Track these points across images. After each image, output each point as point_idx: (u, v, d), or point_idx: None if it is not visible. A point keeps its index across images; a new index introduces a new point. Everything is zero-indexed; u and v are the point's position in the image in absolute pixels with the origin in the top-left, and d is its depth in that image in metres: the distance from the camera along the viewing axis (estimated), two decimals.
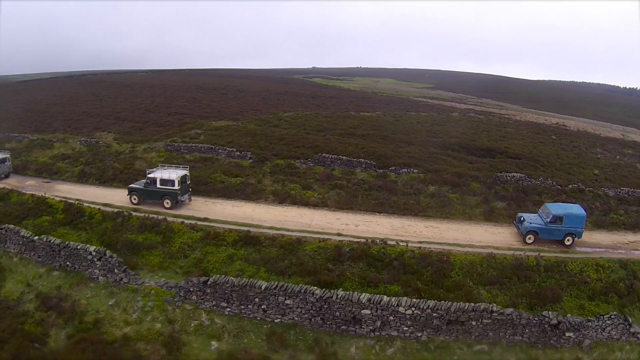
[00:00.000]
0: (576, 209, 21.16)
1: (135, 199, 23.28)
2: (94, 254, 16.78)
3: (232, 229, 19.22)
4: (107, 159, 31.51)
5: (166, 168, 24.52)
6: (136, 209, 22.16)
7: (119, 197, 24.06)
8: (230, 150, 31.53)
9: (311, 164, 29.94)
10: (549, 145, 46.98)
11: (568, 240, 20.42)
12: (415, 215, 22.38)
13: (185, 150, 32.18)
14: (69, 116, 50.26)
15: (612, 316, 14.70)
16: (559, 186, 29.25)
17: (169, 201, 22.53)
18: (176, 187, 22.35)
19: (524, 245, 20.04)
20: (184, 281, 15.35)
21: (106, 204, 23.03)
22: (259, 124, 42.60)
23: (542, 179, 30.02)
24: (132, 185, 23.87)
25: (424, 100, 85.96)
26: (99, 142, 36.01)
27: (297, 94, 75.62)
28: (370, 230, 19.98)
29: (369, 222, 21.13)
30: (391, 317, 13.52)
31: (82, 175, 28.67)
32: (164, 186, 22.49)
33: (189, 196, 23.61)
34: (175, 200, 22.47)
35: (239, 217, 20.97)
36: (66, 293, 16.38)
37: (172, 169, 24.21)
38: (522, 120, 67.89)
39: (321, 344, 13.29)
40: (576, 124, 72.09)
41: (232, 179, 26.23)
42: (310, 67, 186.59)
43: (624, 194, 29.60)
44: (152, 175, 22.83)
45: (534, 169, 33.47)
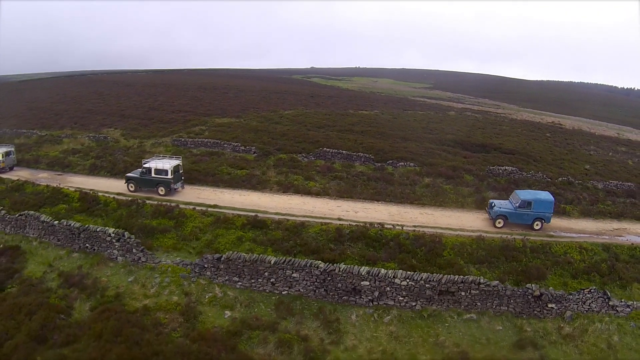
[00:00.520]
0: (544, 195, 22.16)
1: (132, 186, 24.86)
2: (112, 235, 18.11)
3: (241, 214, 20.60)
4: (117, 153, 32.79)
5: (160, 158, 26.22)
6: (149, 197, 23.48)
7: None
8: (235, 145, 32.89)
9: (312, 158, 31.35)
10: (543, 142, 48.40)
11: (537, 224, 21.39)
12: (411, 203, 23.80)
13: (192, 145, 33.52)
14: (74, 114, 51.51)
15: (591, 290, 16.09)
16: (548, 179, 30.69)
17: (163, 189, 24.14)
18: (169, 176, 23.98)
19: (495, 228, 21.10)
20: (198, 259, 16.71)
21: (119, 193, 24.37)
22: (261, 121, 43.99)
23: (533, 172, 31.49)
24: (129, 174, 25.53)
25: (422, 99, 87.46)
26: (107, 138, 37.31)
27: (296, 93, 77.04)
28: (369, 216, 21.36)
29: (367, 209, 22.52)
30: (388, 288, 14.90)
31: (93, 168, 29.95)
32: (158, 175, 24.14)
33: (182, 184, 25.22)
34: (168, 188, 24.09)
35: (246, 204, 22.34)
36: (87, 272, 17.69)
37: (165, 159, 25.92)
38: (518, 119, 69.32)
39: (325, 312, 14.67)
40: (572, 122, 73.45)
41: (238, 171, 27.60)
42: (309, 67, 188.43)
43: (612, 186, 30.95)
44: (148, 165, 24.51)
45: (526, 163, 34.91)
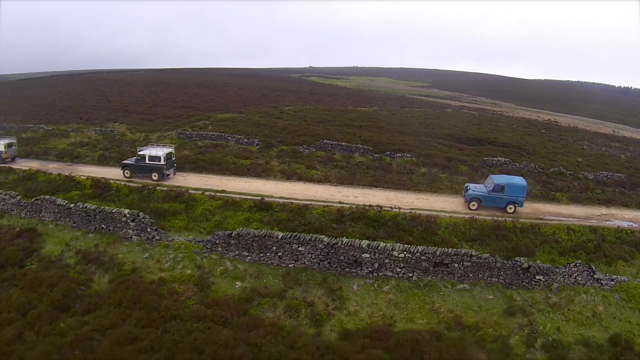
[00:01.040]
0: (518, 179, 23.09)
1: (127, 173, 26.06)
2: (128, 215, 19.19)
3: (247, 198, 21.73)
4: (124, 145, 33.84)
5: (154, 146, 27.51)
6: (159, 184, 24.57)
7: (137, 177, 26.45)
8: (238, 137, 34.00)
9: (313, 150, 32.50)
10: (537, 137, 49.67)
11: (510, 208, 22.24)
12: (407, 189, 24.99)
13: (197, 138, 34.60)
14: (78, 110, 52.51)
15: (577, 264, 17.25)
16: (540, 169, 31.94)
17: (156, 174, 25.35)
18: (162, 162, 25.25)
19: (469, 210, 22.08)
20: (210, 235, 17.82)
21: (130, 180, 25.46)
22: (262, 116, 45.12)
23: (526, 163, 32.74)
24: (124, 161, 26.75)
25: (419, 97, 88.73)
26: (113, 131, 38.36)
27: (295, 91, 78.19)
28: (368, 201, 22.47)
29: (366, 195, 23.68)
30: (387, 260, 16.05)
31: (102, 158, 31.00)
32: (152, 162, 25.38)
33: (174, 171, 26.52)
34: (161, 174, 25.32)
35: (252, 190, 23.47)
36: (104, 249, 18.75)
37: (159, 147, 27.23)
38: (515, 116, 70.66)
39: (328, 282, 15.80)
40: (568, 120, 74.72)
41: (243, 160, 28.74)
42: (307, 66, 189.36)
43: (602, 177, 32.09)
44: (142, 153, 25.84)
45: (519, 155, 36.14)
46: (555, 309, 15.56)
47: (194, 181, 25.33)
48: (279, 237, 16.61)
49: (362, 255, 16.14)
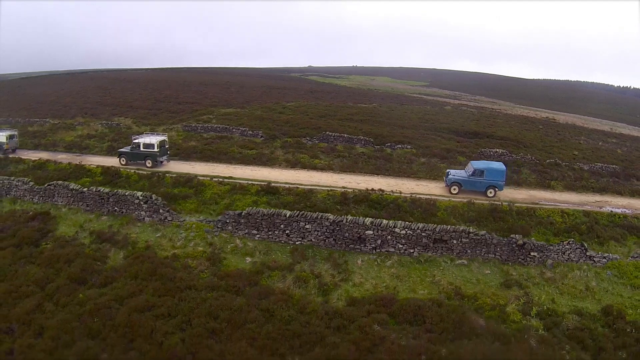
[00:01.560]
0: (497, 164, 23.76)
1: (123, 160, 27.14)
2: (140, 198, 19.97)
3: (254, 183, 22.52)
4: (131, 137, 34.56)
5: (148, 135, 28.74)
6: (168, 170, 25.34)
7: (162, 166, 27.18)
8: (243, 129, 34.81)
9: (316, 141, 33.34)
10: (534, 132, 50.55)
11: (490, 192, 22.85)
12: (408, 177, 25.84)
13: (202, 130, 35.39)
14: (83, 105, 53.18)
15: (570, 242, 18.13)
16: (537, 161, 32.82)
17: (150, 161, 26.37)
18: (155, 149, 26.35)
19: (451, 194, 22.75)
20: (220, 215, 18.60)
21: (137, 170, 26.20)
22: (265, 111, 45.94)
23: (522, 154, 33.63)
24: (120, 150, 27.87)
25: (419, 96, 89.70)
26: (119, 125, 39.09)
27: (296, 89, 79.08)
28: (370, 186, 23.28)
29: (368, 181, 24.50)
30: (389, 237, 16.87)
31: (111, 149, 31.71)
32: (146, 149, 26.45)
33: (167, 158, 27.60)
34: (155, 160, 26.38)
35: (258, 177, 24.26)
36: (117, 230, 19.52)
37: (153, 135, 28.46)
38: (513, 114, 71.65)
39: (334, 257, 16.62)
40: (566, 118, 75.73)
41: (248, 151, 29.55)
42: (306, 65, 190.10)
43: (597, 168, 32.97)
44: (137, 141, 26.93)
45: (516, 148, 37.05)
46: (549, 282, 16.40)
47: (202, 169, 26.10)
48: (287, 215, 17.43)
49: (366, 232, 16.97)
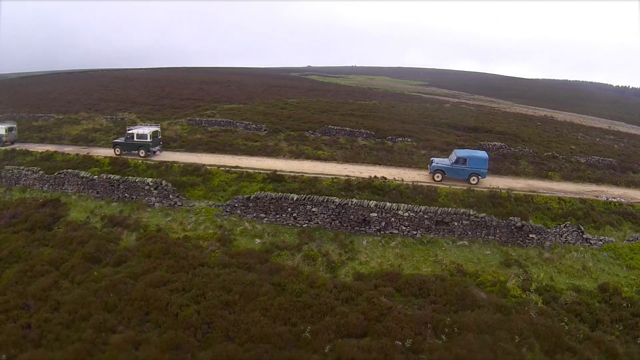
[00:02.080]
0: (480, 153, 24.31)
1: (118, 150, 27.96)
2: (151, 184, 20.54)
3: (260, 171, 23.10)
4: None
5: (142, 126, 29.83)
6: (175, 160, 25.89)
7: (155, 156, 27.75)
8: (246, 123, 35.40)
9: (319, 134, 33.96)
10: (532, 128, 51.31)
11: (473, 179, 23.21)
12: (409, 167, 26.47)
13: (206, 124, 35.95)
14: (86, 102, 53.65)
15: (567, 225, 18.78)
16: (535, 153, 33.49)
17: (143, 151, 27.20)
18: (148, 139, 27.18)
19: (435, 182, 23.12)
20: (230, 200, 19.18)
21: (145, 159, 26.74)
22: (267, 107, 46.54)
23: (521, 147, 34.31)
24: (115, 140, 28.69)
25: (418, 94, 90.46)
26: (124, 119, 39.59)
27: (296, 87, 79.73)
28: (373, 175, 23.92)
29: (371, 171, 25.09)
30: (393, 219, 17.49)
31: None
32: (139, 139, 27.27)
33: (160, 148, 28.35)
34: (148, 150, 27.20)
35: (264, 166, 24.81)
36: (128, 215, 20.08)
37: (146, 126, 29.45)
38: (512, 111, 72.40)
39: (340, 238, 17.23)
40: (564, 116, 76.51)
41: (253, 143, 30.15)
42: (306, 65, 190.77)
43: (594, 161, 33.67)
44: (131, 131, 27.71)
45: (514, 142, 37.73)
46: (547, 262, 17.04)
47: (208, 160, 26.64)
48: (294, 199, 18.03)
49: (370, 215, 17.58)
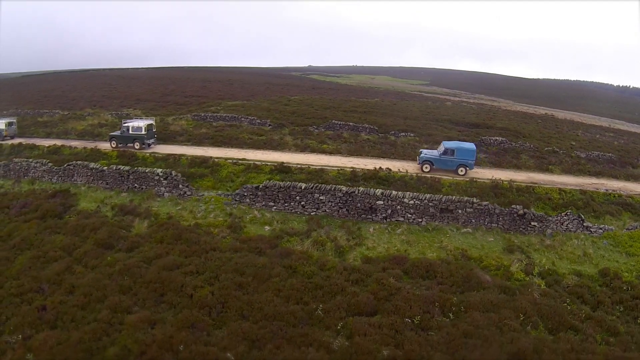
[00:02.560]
0: (467, 144, 24.81)
1: (114, 143, 28.76)
2: (160, 174, 20.95)
3: (267, 163, 23.53)
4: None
5: (137, 119, 30.87)
6: (182, 153, 26.30)
7: (162, 149, 28.17)
8: (251, 119, 35.83)
9: (323, 129, 34.40)
10: (533, 125, 51.80)
11: (461, 170, 23.67)
12: (412, 160, 26.85)
13: (211, 119, 36.37)
14: (90, 99, 54.06)
15: (568, 213, 19.21)
16: (535, 148, 33.95)
17: (138, 144, 27.93)
18: (143, 132, 27.90)
19: (423, 173, 23.49)
20: (239, 189, 19.61)
21: (153, 152, 27.17)
22: (271, 103, 46.99)
23: (521, 142, 34.77)
24: (111, 134, 29.54)
25: (419, 93, 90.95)
26: (129, 115, 39.98)
27: (298, 86, 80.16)
28: (378, 167, 24.34)
29: (375, 163, 25.47)
30: (398, 207, 17.93)
31: None
32: (134, 132, 28.06)
33: (154, 141, 29.12)
34: (142, 142, 27.87)
35: (270, 159, 25.25)
36: (138, 204, 20.47)
37: (141, 119, 30.52)
38: (512, 110, 72.87)
39: (347, 225, 17.66)
40: (564, 115, 76.98)
41: (258, 137, 30.58)
42: (307, 65, 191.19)
43: (594, 156, 34.14)
44: (126, 124, 28.57)
45: (515, 137, 38.18)
46: (549, 249, 17.47)
47: (215, 153, 27.05)
48: (302, 187, 18.47)
49: (377, 203, 18.02)
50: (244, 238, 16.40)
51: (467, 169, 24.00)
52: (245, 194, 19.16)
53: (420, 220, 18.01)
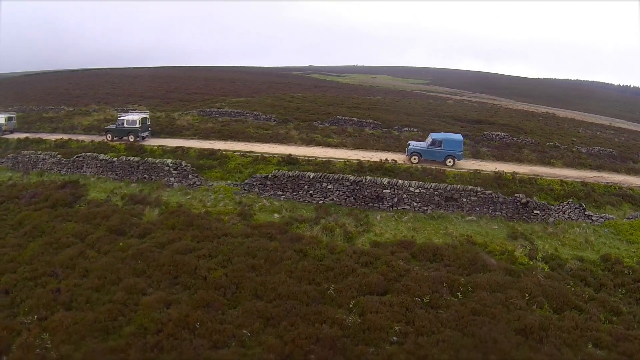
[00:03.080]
0: (455, 135, 24.94)
1: (109, 136, 29.15)
2: (170, 165, 21.31)
3: (275, 155, 23.91)
4: (148, 121, 35.86)
5: (132, 113, 31.80)
6: (190, 146, 26.65)
7: (170, 143, 28.53)
8: (256, 114, 36.22)
9: (327, 124, 34.79)
10: (534, 122, 52.27)
11: (449, 161, 23.81)
12: None
13: (217, 115, 36.75)
14: (94, 96, 54.36)
15: (569, 202, 19.62)
16: (537, 143, 34.36)
17: (132, 136, 28.41)
18: (137, 125, 28.53)
19: (411, 163, 23.65)
20: (247, 179, 19.98)
21: (161, 145, 27.50)
22: (275, 100, 47.37)
23: (523, 137, 35.19)
24: (107, 127, 30.15)
25: (421, 92, 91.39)
26: (135, 111, 40.33)
27: (300, 84, 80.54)
28: (384, 159, 24.71)
29: (380, 156, 25.84)
30: (404, 195, 18.31)
31: None
32: (129, 126, 28.67)
33: (148, 134, 29.73)
34: (136, 135, 28.45)
35: (276, 152, 25.62)
36: (148, 193, 20.83)
37: (136, 113, 31.33)
38: (514, 108, 73.30)
39: (355, 213, 18.05)
40: (565, 114, 77.47)
41: (264, 131, 30.95)
42: (307, 65, 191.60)
43: (595, 151, 34.62)
44: (121, 118, 29.19)
45: (517, 133, 38.60)
46: (552, 236, 17.88)
47: (222, 146, 27.38)
48: (310, 176, 18.85)
49: (383, 191, 18.41)
50: (254, 224, 16.77)
51: (455, 159, 24.17)
52: (254, 184, 19.54)
53: (425, 208, 18.40)
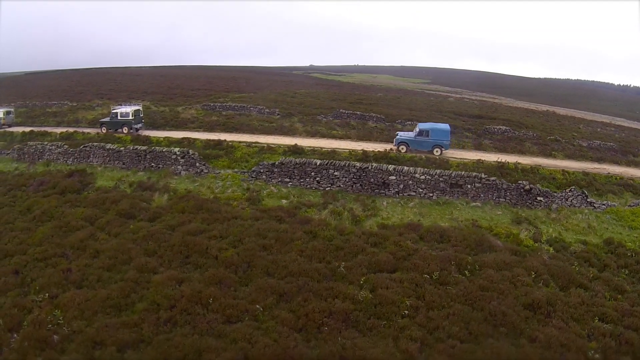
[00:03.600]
0: (442, 125, 25.23)
1: (104, 129, 29.56)
2: (178, 153, 21.55)
3: (281, 145, 24.17)
4: (153, 115, 36.12)
5: (125, 105, 32.35)
6: (197, 137, 26.90)
7: (175, 135, 28.78)
8: (260, 108, 36.52)
9: (331, 118, 35.09)
10: (535, 118, 52.67)
11: (437, 151, 24.14)
12: None
13: (221, 109, 37.03)
14: (97, 92, 54.60)
15: (572, 189, 19.90)
16: (538, 136, 34.70)
17: (126, 128, 28.87)
18: (131, 117, 28.96)
19: (398, 153, 23.82)
20: (255, 166, 20.23)
21: (167, 137, 27.74)
22: (278, 95, 47.72)
23: (525, 131, 35.52)
24: (101, 120, 30.72)
25: (421, 90, 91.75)
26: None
27: (302, 82, 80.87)
28: (389, 149, 24.99)
29: (384, 147, 26.14)
30: (410, 182, 18.59)
31: None
32: (122, 118, 29.05)
33: (142, 125, 30.18)
34: (130, 127, 28.88)
35: (282, 143, 25.88)
36: (156, 181, 21.05)
37: (129, 105, 31.84)
38: (514, 106, 73.69)
39: (361, 199, 18.31)
40: (566, 112, 77.87)
41: (268, 124, 31.25)
42: (308, 64, 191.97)
43: (595, 145, 34.98)
44: (115, 111, 29.68)
45: (518, 127, 38.93)
46: (555, 222, 18.15)
47: (228, 137, 27.64)
48: (317, 163, 19.12)
49: (389, 178, 18.69)
50: (263, 208, 17.01)
51: (442, 149, 24.38)
52: (262, 171, 19.79)
53: (431, 194, 18.67)
